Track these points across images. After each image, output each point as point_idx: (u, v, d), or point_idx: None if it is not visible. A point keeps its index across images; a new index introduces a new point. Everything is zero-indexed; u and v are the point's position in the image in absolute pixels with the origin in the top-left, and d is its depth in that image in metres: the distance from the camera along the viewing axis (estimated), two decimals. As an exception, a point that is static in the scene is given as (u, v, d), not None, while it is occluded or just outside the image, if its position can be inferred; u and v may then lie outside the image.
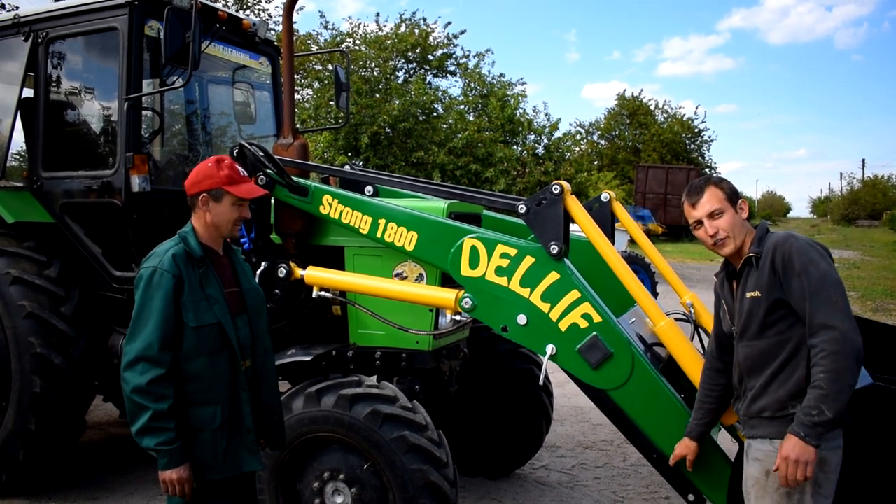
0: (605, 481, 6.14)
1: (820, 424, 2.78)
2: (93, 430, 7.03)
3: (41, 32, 5.56)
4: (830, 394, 2.76)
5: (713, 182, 3.22)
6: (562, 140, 23.01)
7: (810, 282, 2.89)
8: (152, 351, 3.02)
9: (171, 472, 3.05)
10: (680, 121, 51.71)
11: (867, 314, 14.71)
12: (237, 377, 3.27)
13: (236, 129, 6.84)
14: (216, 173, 3.26)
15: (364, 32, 22.46)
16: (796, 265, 2.92)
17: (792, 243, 2.98)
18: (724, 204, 3.16)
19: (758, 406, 3.07)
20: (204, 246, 3.27)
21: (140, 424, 3.00)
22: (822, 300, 2.86)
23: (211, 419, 3.18)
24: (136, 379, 3.00)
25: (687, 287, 4.77)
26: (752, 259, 3.09)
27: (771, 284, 2.99)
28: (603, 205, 4.94)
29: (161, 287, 3.07)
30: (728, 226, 3.16)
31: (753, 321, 3.07)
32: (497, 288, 4.14)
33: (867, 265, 27.62)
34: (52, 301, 5.35)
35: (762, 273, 3.02)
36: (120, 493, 5.74)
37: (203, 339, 3.15)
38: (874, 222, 71.82)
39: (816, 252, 2.96)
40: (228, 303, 3.27)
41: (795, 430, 2.83)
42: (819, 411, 2.77)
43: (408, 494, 4.05)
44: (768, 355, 3.04)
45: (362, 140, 18.25)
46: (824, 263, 2.93)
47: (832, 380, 2.77)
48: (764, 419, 3.05)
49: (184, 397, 3.12)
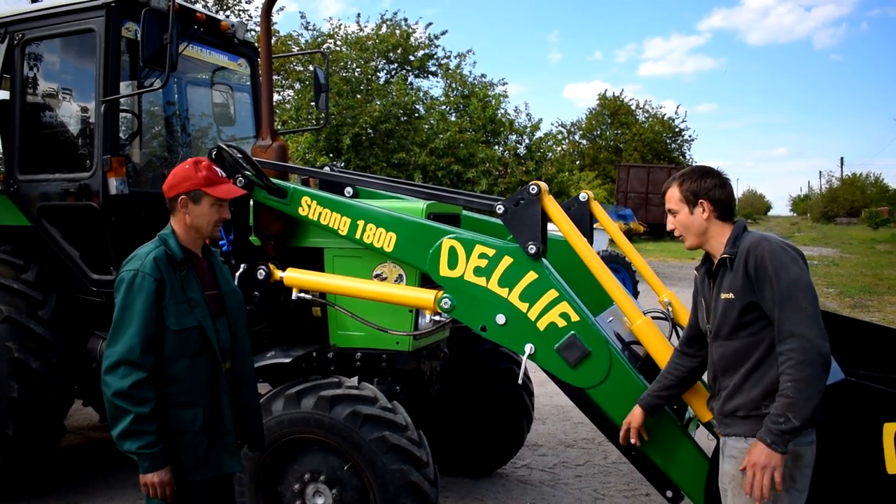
0: (587, 479, 6.17)
1: (787, 432, 2.82)
2: (72, 434, 6.98)
3: (17, 34, 5.51)
4: (797, 402, 2.79)
5: (676, 180, 3.25)
6: (543, 140, 23.10)
7: (780, 287, 2.90)
8: (134, 354, 3.00)
9: (153, 476, 3.04)
10: (661, 120, 52.03)
11: (845, 311, 14.87)
12: (218, 379, 3.26)
13: (215, 131, 6.81)
14: (194, 175, 3.24)
15: (345, 33, 22.47)
16: (768, 269, 2.92)
17: (764, 247, 2.97)
18: (678, 205, 3.21)
19: (732, 405, 3.09)
20: (184, 248, 3.26)
21: (121, 428, 2.99)
22: (791, 307, 2.88)
23: (192, 421, 3.17)
24: (117, 382, 2.99)
25: (667, 286, 4.81)
26: (726, 260, 3.10)
27: (744, 287, 3.00)
28: (581, 204, 4.98)
29: (143, 290, 3.06)
30: (680, 225, 3.23)
31: (727, 322, 3.08)
32: (476, 288, 4.16)
33: (846, 262, 27.91)
34: (29, 305, 5.31)
35: (736, 275, 3.03)
36: (100, 498, 5.70)
37: (184, 342, 3.14)
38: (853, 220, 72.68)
39: (788, 256, 2.96)
40: (209, 305, 3.26)
41: (763, 437, 2.87)
42: (786, 419, 2.81)
43: (388, 495, 4.05)
44: (742, 355, 3.06)
45: (344, 141, 18.24)
46: (795, 268, 2.93)
47: (799, 388, 2.80)
48: (738, 418, 3.07)
49: (165, 400, 3.11)
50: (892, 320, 13.77)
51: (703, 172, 3.23)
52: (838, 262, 27.65)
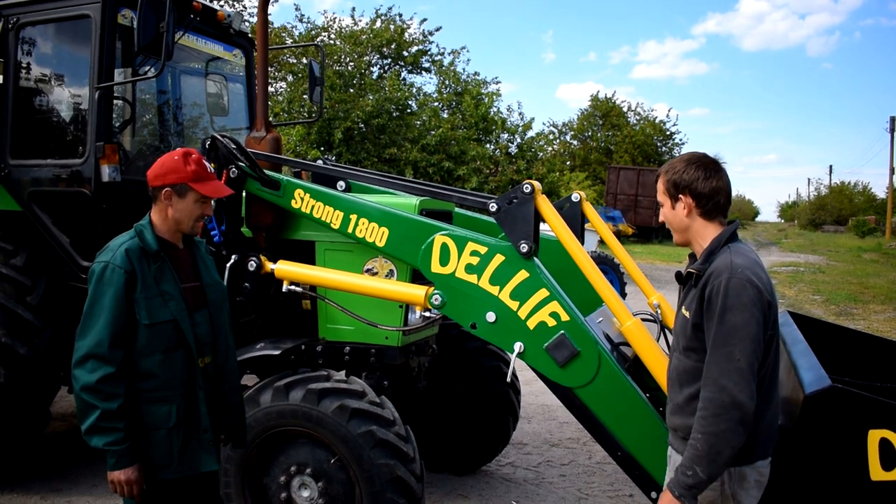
0: (571, 479, 6.20)
1: (694, 486, 2.71)
2: (57, 421, 6.95)
3: (12, 18, 5.49)
4: (705, 456, 2.68)
5: (663, 169, 3.02)
6: (535, 140, 23.09)
7: (721, 330, 2.70)
8: (102, 348, 2.96)
9: (119, 473, 3.00)
10: (652, 123, 52.14)
11: (831, 318, 14.95)
12: (194, 375, 3.19)
13: (208, 121, 6.79)
14: (182, 168, 3.16)
15: (339, 27, 22.38)
16: (716, 306, 2.72)
17: (724, 279, 2.72)
18: (662, 198, 3.01)
19: (673, 422, 3.03)
20: (161, 240, 3.19)
21: (89, 423, 2.94)
22: (722, 354, 2.69)
23: (165, 418, 3.11)
24: (85, 377, 2.94)
25: (655, 288, 4.83)
26: (692, 275, 2.93)
27: (698, 311, 2.83)
28: (573, 205, 5.00)
29: (112, 283, 3.01)
30: (665, 219, 3.04)
31: (683, 337, 2.95)
32: (467, 285, 4.17)
33: (832, 270, 28.06)
34: (17, 290, 5.29)
35: (697, 295, 2.84)
36: (84, 485, 5.69)
37: (157, 336, 3.08)
38: (840, 228, 73.08)
39: (747, 297, 2.69)
40: (186, 298, 3.19)
41: (671, 488, 2.76)
42: (693, 473, 2.70)
43: (374, 489, 4.07)
44: (689, 376, 2.91)
45: (335, 135, 18.20)
46: (745, 315, 2.68)
47: (708, 443, 2.67)
48: (678, 436, 3.00)
49: (138, 395, 3.06)
50: (876, 328, 13.87)
51: (689, 162, 2.95)
52: (825, 270, 27.80)
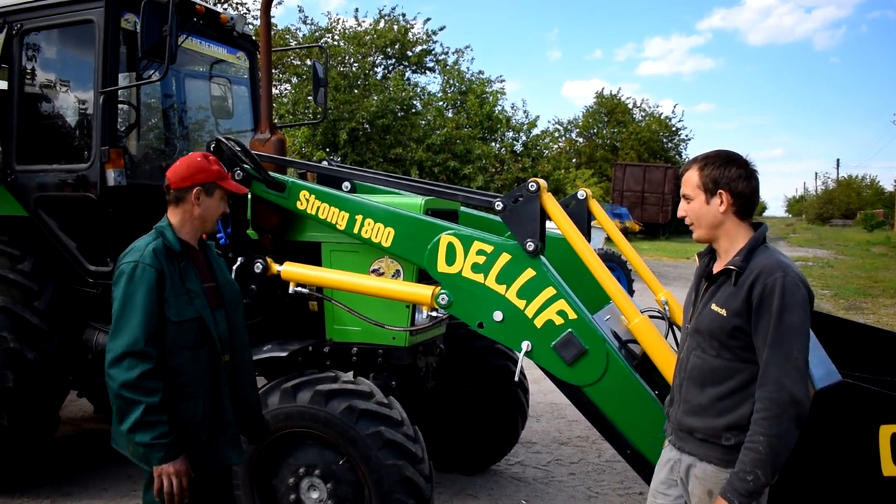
0: (580, 477, 6.18)
1: (755, 491, 2.66)
2: (66, 425, 6.96)
3: (15, 24, 5.49)
4: (767, 460, 2.62)
5: (698, 163, 2.92)
6: (540, 137, 23.12)
7: (779, 329, 2.66)
8: (139, 346, 2.99)
9: (168, 466, 3.02)
10: (658, 119, 52.07)
11: (840, 312, 14.90)
12: (218, 371, 3.26)
13: (213, 124, 6.79)
14: (208, 167, 3.26)
15: (343, 28, 22.41)
16: (774, 305, 2.66)
17: (778, 279, 2.68)
18: (695, 191, 2.90)
19: (690, 423, 2.92)
20: (181, 241, 3.26)
21: (133, 420, 2.96)
22: (782, 354, 2.65)
23: (193, 413, 3.17)
24: (123, 375, 2.97)
25: (662, 285, 4.81)
26: (731, 272, 2.81)
27: (740, 311, 2.75)
28: (579, 202, 4.98)
29: (144, 281, 3.06)
30: (693, 214, 2.93)
31: (712, 337, 2.86)
32: (473, 284, 4.16)
33: (840, 264, 27.97)
34: (25, 295, 5.30)
35: (737, 294, 2.76)
36: (93, 489, 5.70)
37: (184, 334, 3.14)
38: (848, 222, 72.87)
39: (801, 296, 2.68)
40: (207, 297, 3.27)
41: (730, 497, 2.68)
42: (755, 477, 2.64)
43: (383, 490, 4.06)
44: (717, 376, 2.84)
45: (340, 136, 18.24)
46: (801, 313, 2.67)
47: (770, 445, 2.62)
48: (695, 438, 2.91)
49: (166, 392, 3.09)
50: (886, 322, 13.81)
51: (728, 159, 2.89)
52: (833, 264, 27.71)
